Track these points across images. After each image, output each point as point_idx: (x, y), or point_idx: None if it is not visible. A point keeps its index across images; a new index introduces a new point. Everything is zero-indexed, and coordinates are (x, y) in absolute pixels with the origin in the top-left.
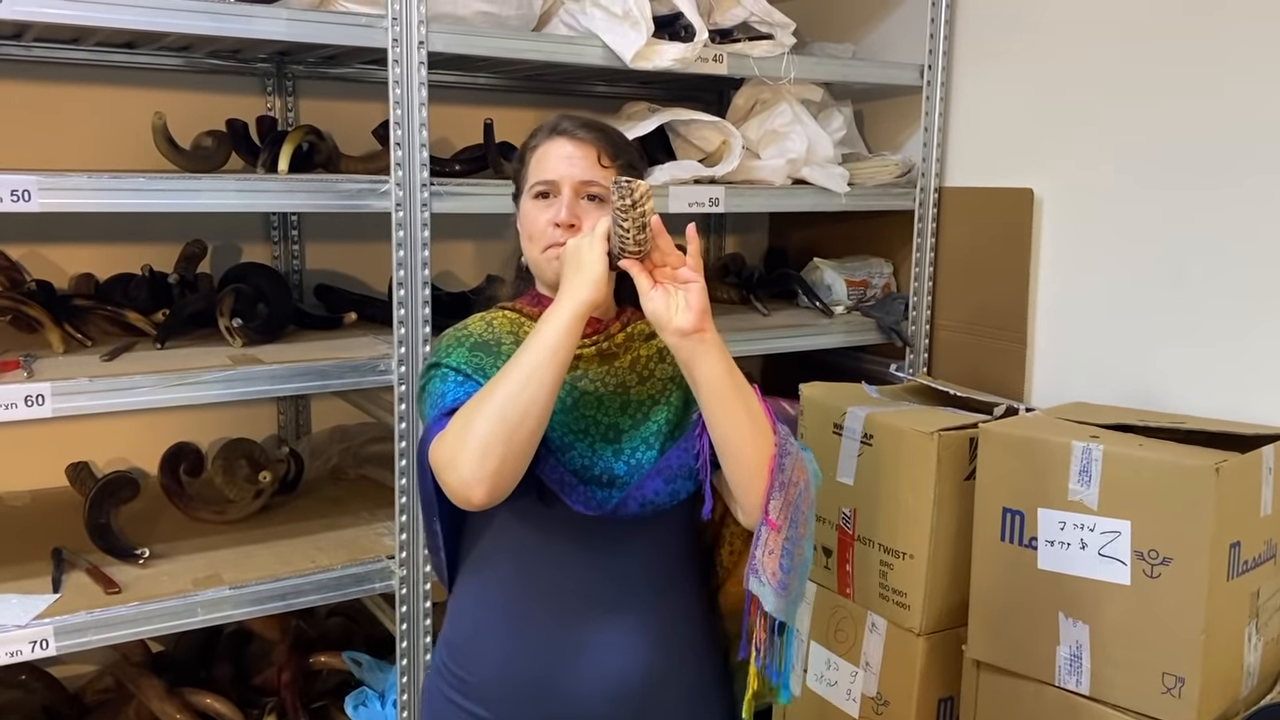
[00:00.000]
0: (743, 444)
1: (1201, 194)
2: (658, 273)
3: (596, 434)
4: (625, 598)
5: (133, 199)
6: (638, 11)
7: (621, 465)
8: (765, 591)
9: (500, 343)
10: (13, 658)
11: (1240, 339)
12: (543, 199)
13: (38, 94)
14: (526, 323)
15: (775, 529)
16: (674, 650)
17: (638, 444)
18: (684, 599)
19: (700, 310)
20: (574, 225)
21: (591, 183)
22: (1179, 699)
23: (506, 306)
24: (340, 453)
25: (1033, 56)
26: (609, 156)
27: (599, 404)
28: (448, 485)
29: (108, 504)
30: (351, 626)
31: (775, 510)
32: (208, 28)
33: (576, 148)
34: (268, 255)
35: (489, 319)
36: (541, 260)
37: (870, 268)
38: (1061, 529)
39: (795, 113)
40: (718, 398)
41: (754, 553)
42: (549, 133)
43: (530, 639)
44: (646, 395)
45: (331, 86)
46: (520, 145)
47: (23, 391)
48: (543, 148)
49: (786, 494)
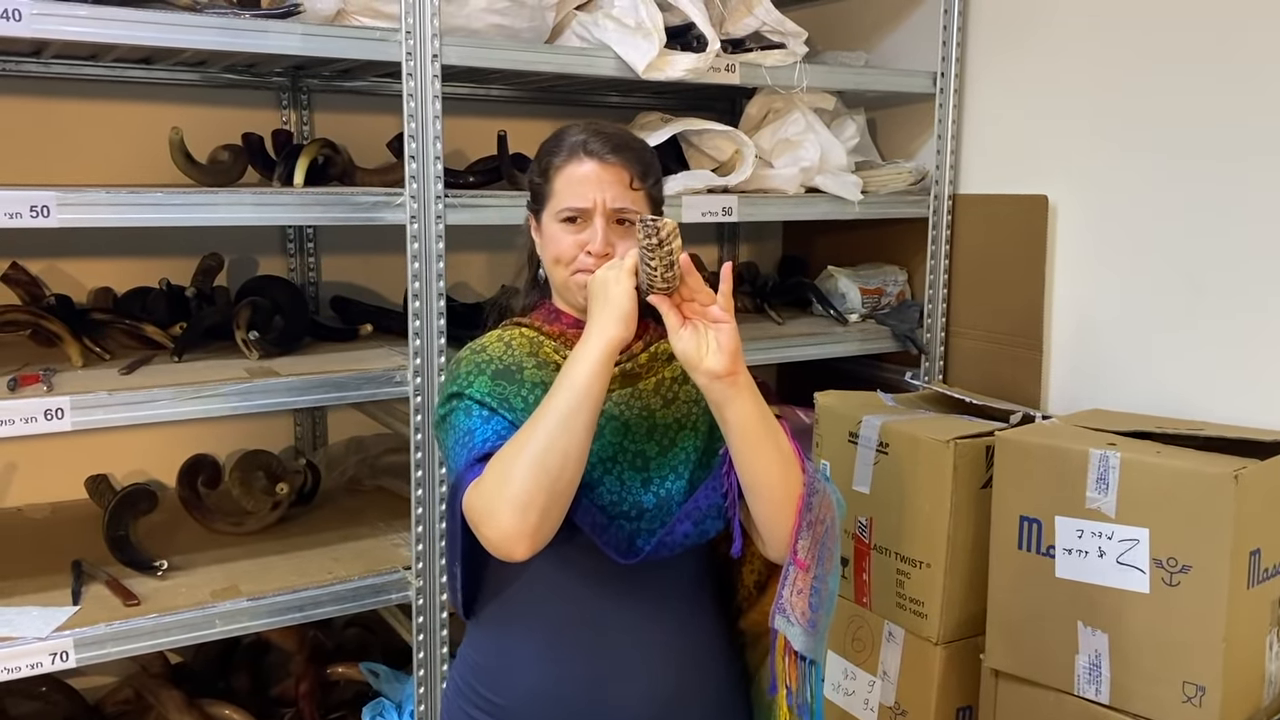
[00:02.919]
0: (772, 485)
1: (1217, 199)
2: (686, 308)
3: (625, 462)
4: (653, 624)
5: (151, 214)
6: (650, 22)
7: (650, 497)
8: (794, 631)
9: (521, 367)
10: (33, 669)
11: (1258, 344)
12: (571, 223)
13: (56, 110)
14: (545, 342)
15: (804, 569)
16: (699, 673)
17: (666, 473)
18: (707, 621)
19: (732, 353)
20: (608, 254)
21: (623, 209)
22: (1200, 708)
23: (523, 322)
24: (356, 464)
25: (1046, 63)
26: (639, 179)
27: (625, 430)
28: (488, 540)
29: (126, 516)
30: (368, 637)
31: (803, 550)
32: (224, 43)
33: (606, 171)
34: (284, 268)
35: (506, 339)
36: (571, 284)
37: (885, 276)
38: (1079, 537)
39: (808, 121)
40: (747, 440)
41: (781, 592)
42: (575, 152)
43: (562, 666)
44: (672, 419)
45: (346, 100)
46: (540, 151)
47: (43, 405)
48: (569, 168)
49: (814, 532)
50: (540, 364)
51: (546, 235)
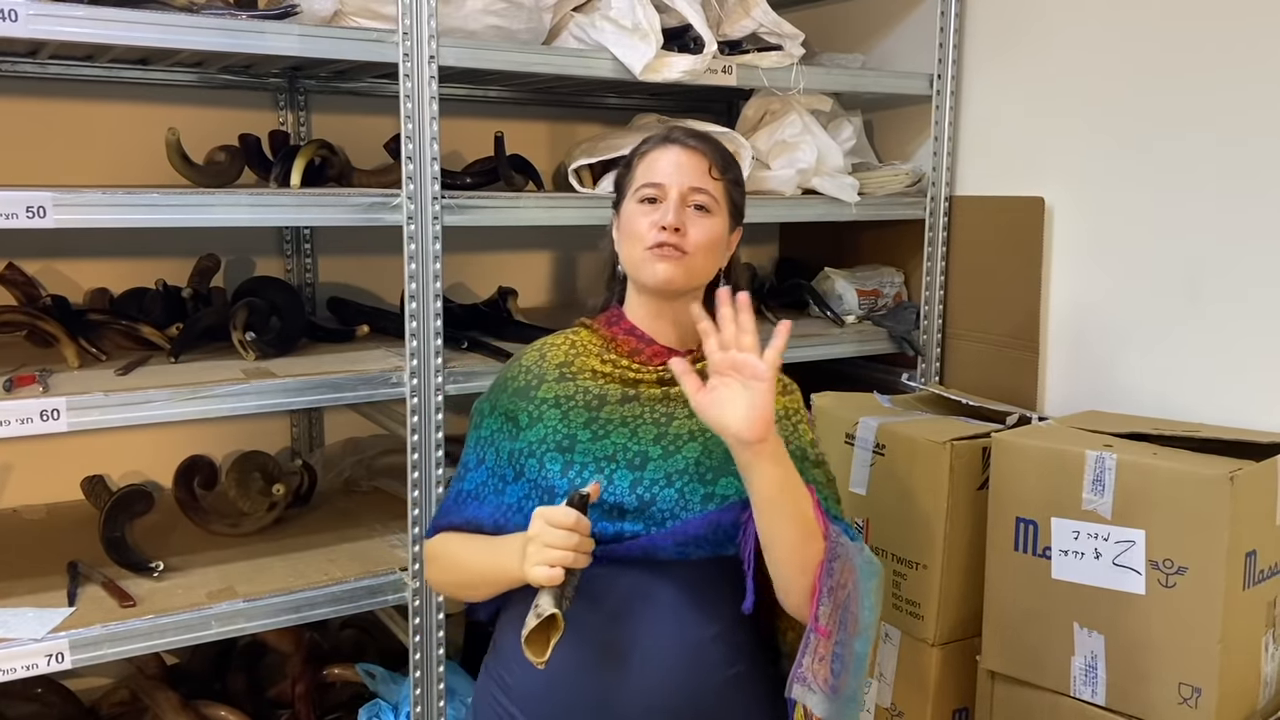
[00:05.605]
0: (791, 552)
1: (1213, 201)
2: (721, 360)
3: (622, 460)
4: (662, 625)
5: (147, 215)
6: (647, 24)
7: (634, 499)
8: (815, 699)
9: (543, 379)
10: (29, 671)
11: (1255, 346)
12: (648, 203)
13: (53, 111)
14: (581, 355)
15: (825, 636)
16: (715, 681)
17: (659, 477)
18: (725, 629)
19: (764, 420)
20: (679, 229)
21: (700, 190)
22: (1196, 709)
23: (586, 323)
24: (353, 465)
25: (1043, 64)
26: (718, 169)
27: (634, 433)
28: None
29: (122, 517)
30: (365, 639)
31: (824, 617)
32: (221, 44)
33: (689, 157)
34: (281, 269)
35: (544, 349)
36: (641, 260)
37: (881, 277)
38: (1075, 538)
39: (805, 123)
40: (770, 506)
41: (801, 660)
42: (660, 141)
43: (573, 658)
44: (686, 430)
45: (343, 101)
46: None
47: (38, 406)
48: (653, 154)
49: (835, 598)
50: (562, 377)
51: (624, 218)
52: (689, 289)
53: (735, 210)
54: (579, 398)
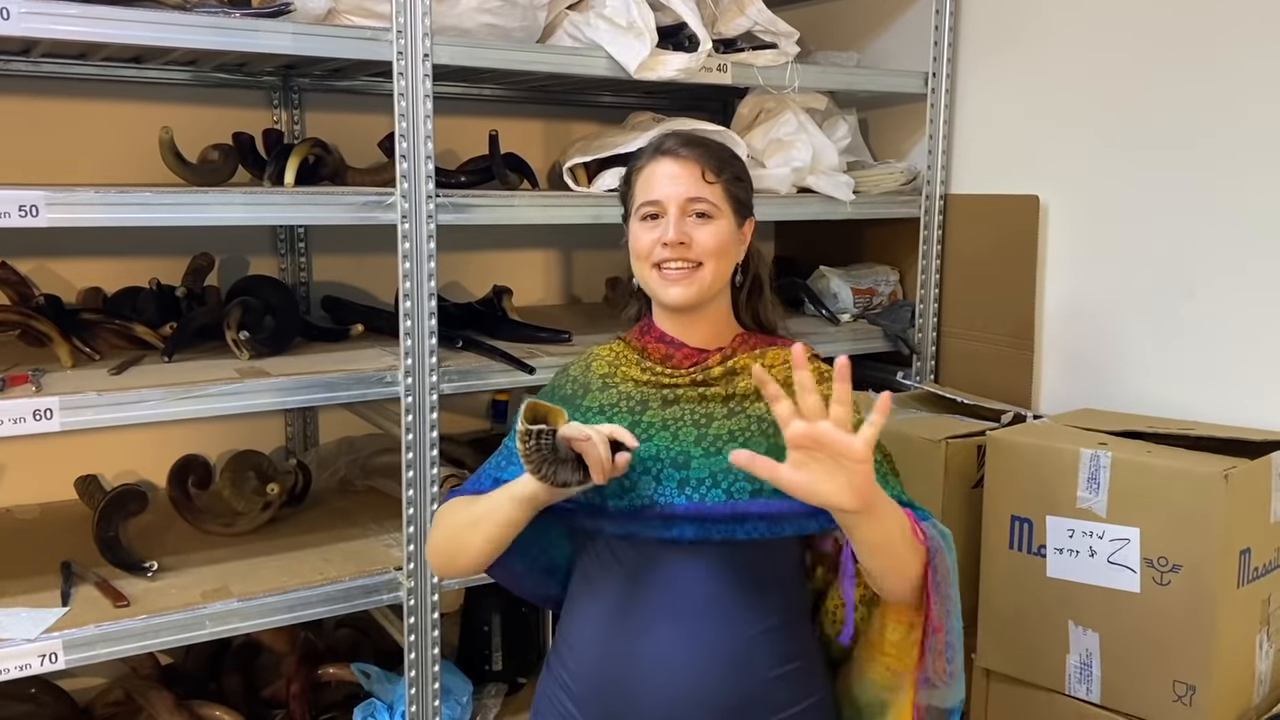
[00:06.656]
0: (897, 580)
1: (1208, 199)
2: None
3: (666, 460)
4: (696, 618)
5: (140, 213)
6: (642, 22)
7: (682, 501)
8: (938, 694)
9: (588, 389)
10: (22, 671)
11: (1248, 344)
12: (651, 220)
13: (45, 109)
14: (622, 365)
15: (940, 630)
16: (753, 685)
17: (705, 476)
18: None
19: (865, 494)
20: (683, 243)
21: (697, 199)
22: (1190, 707)
23: (624, 336)
24: (348, 464)
25: (1038, 63)
26: (713, 172)
27: (675, 436)
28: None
29: (116, 517)
30: (360, 638)
31: (938, 614)
32: (214, 42)
33: (680, 166)
34: (275, 268)
35: (589, 360)
36: (654, 282)
37: (876, 276)
38: (1070, 537)
39: (800, 121)
40: (875, 554)
41: (924, 664)
42: (653, 154)
43: (605, 644)
44: (727, 430)
45: (337, 99)
46: (626, 170)
47: (31, 406)
48: (648, 169)
49: (940, 592)
50: (606, 386)
51: (631, 236)
52: (707, 299)
53: (740, 206)
54: (622, 404)
